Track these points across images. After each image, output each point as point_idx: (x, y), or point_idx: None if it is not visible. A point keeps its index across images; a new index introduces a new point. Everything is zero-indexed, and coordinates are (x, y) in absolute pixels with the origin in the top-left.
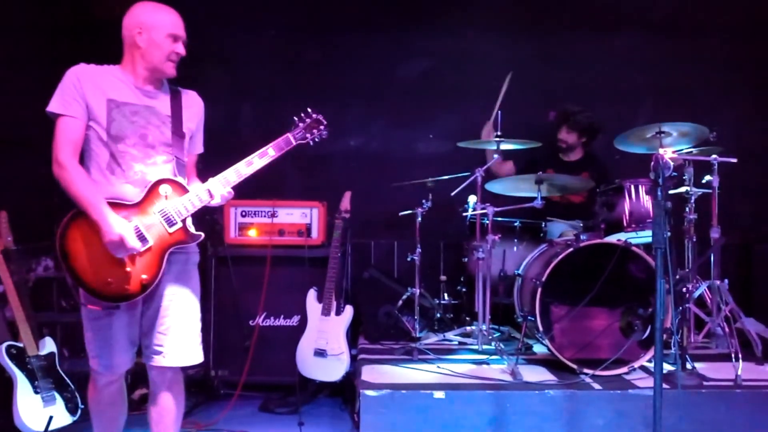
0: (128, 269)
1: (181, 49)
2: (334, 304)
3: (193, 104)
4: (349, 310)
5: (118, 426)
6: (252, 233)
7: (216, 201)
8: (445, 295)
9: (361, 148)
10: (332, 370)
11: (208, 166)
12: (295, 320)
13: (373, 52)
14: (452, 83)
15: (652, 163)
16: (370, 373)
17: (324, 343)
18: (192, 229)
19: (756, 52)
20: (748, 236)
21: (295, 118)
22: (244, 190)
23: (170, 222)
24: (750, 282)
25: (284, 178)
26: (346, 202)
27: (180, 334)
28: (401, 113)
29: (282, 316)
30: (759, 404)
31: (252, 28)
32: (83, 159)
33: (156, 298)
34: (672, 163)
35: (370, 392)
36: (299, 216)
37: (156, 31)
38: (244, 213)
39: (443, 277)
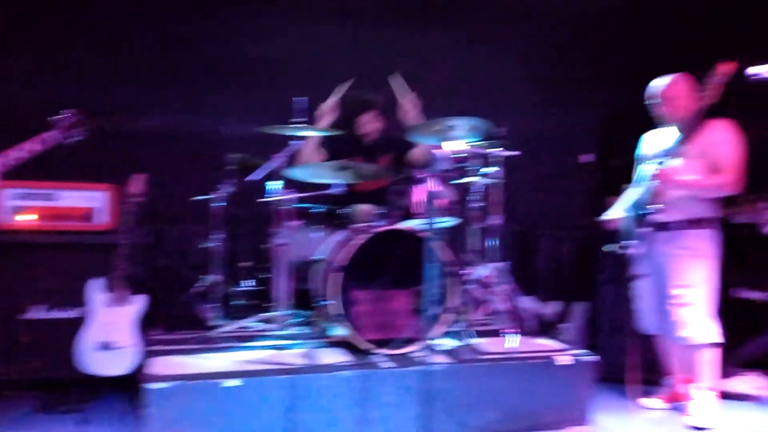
0: None
1: None
2: (123, 293)
3: None
4: (139, 300)
5: None
6: (28, 218)
7: None
8: (247, 281)
9: (161, 129)
10: (119, 363)
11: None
12: (77, 312)
13: (174, 30)
14: (258, 65)
15: (430, 155)
16: (159, 364)
17: (110, 336)
18: None
19: (544, 47)
20: (527, 223)
21: (51, 119)
22: (22, 171)
23: None
24: (528, 264)
25: (72, 158)
26: (137, 186)
27: None
28: (206, 94)
29: (63, 308)
30: (529, 373)
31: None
32: None
33: None
34: (450, 155)
35: (155, 385)
36: (85, 199)
37: None
38: (19, 195)
39: (245, 264)
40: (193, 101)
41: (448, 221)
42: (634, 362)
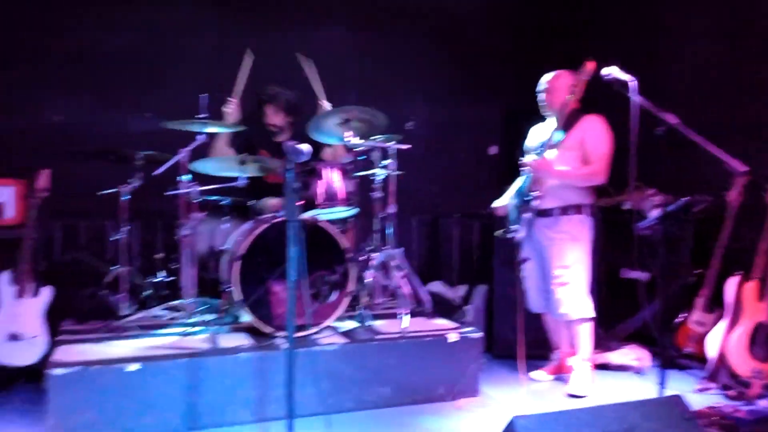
0: None
1: None
2: (30, 285)
3: None
4: (46, 292)
5: None
6: None
7: None
8: (161, 272)
9: (67, 124)
10: (27, 353)
11: None
12: None
13: (77, 21)
14: (163, 59)
15: (287, 149)
16: (63, 352)
17: (19, 327)
18: None
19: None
20: (436, 212)
21: None
22: None
23: None
24: (438, 250)
25: None
26: (42, 181)
27: None
28: (109, 88)
29: None
30: (421, 350)
31: None
32: None
33: None
34: (304, 150)
35: (57, 371)
36: None
37: None
38: None
39: (159, 255)
40: (100, 96)
41: (348, 211)
42: (523, 339)
